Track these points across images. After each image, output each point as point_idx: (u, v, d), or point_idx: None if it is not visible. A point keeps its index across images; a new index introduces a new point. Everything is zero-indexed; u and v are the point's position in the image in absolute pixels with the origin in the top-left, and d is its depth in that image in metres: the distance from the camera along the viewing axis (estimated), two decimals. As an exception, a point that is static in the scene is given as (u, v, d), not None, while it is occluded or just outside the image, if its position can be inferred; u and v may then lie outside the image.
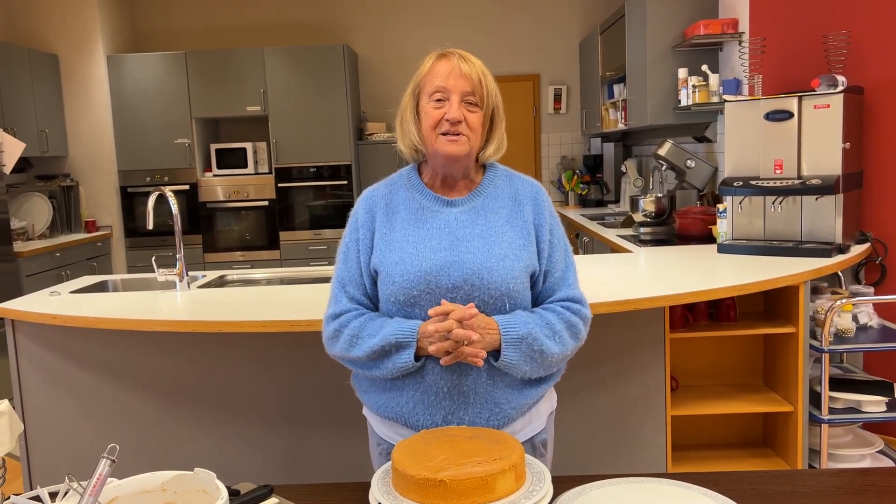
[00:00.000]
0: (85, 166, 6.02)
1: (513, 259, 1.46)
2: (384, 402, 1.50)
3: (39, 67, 5.61)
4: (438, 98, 1.46)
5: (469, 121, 1.46)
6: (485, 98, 1.47)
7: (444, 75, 1.46)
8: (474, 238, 1.47)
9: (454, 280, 1.43)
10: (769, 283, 2.62)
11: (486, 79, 1.48)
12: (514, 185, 1.56)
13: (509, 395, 1.46)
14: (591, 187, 6.32)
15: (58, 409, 2.73)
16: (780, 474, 1.41)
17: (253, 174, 6.08)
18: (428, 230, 1.49)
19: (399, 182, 1.58)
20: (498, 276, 1.44)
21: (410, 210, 1.52)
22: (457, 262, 1.44)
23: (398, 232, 1.50)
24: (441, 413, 1.44)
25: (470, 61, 1.48)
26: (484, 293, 1.43)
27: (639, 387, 2.71)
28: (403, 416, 1.48)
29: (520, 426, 1.51)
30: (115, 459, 1.03)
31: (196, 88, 5.96)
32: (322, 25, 6.54)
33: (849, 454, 2.89)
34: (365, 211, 1.55)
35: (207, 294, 2.82)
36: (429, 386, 1.44)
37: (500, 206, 1.53)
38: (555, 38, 6.56)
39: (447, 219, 1.50)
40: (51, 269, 5.18)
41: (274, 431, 2.68)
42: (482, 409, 1.45)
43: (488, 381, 1.44)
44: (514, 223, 1.51)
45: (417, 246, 1.47)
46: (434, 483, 1.12)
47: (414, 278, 1.44)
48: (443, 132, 1.46)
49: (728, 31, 3.92)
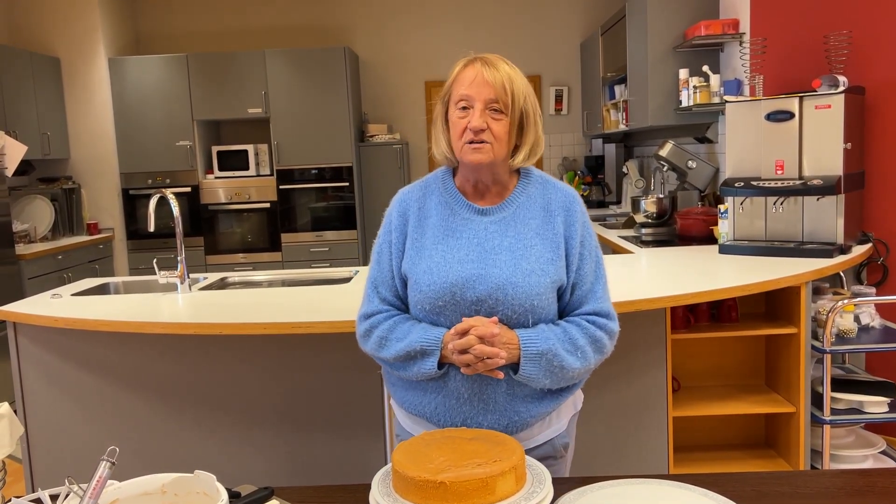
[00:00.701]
0: (87, 169, 6.03)
1: (539, 274, 1.47)
2: (409, 399, 1.55)
3: (41, 70, 5.63)
4: (463, 106, 1.47)
5: (493, 129, 1.45)
6: (510, 104, 1.46)
7: (468, 83, 1.46)
8: (502, 251, 1.48)
9: (479, 294, 1.45)
10: (771, 284, 2.62)
11: (514, 85, 1.46)
12: (547, 194, 1.55)
13: (528, 404, 1.49)
14: (592, 188, 6.32)
15: (59, 412, 2.73)
16: (781, 475, 1.41)
17: (254, 176, 6.09)
18: (457, 240, 1.50)
19: (434, 184, 1.59)
20: (522, 291, 1.45)
21: (442, 217, 1.53)
22: (483, 275, 1.46)
23: (428, 239, 1.52)
24: (461, 417, 1.48)
25: (495, 67, 1.46)
26: (507, 308, 1.45)
27: (640, 388, 2.71)
28: (426, 415, 1.52)
29: (538, 430, 1.53)
30: (115, 462, 1.03)
31: (197, 91, 5.97)
32: (323, 27, 6.55)
33: (851, 455, 2.88)
34: (398, 214, 1.57)
35: (209, 296, 2.82)
36: (451, 391, 1.48)
37: (531, 216, 1.52)
38: (556, 38, 6.56)
39: (477, 229, 1.51)
40: (53, 272, 5.18)
41: (275, 433, 2.68)
42: (501, 416, 1.48)
43: (508, 391, 1.47)
44: (543, 235, 1.51)
45: (446, 256, 1.49)
46: (434, 485, 1.12)
47: (440, 289, 1.46)
48: (468, 141, 1.46)
49: (729, 31, 3.92)
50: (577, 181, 6.37)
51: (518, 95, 1.47)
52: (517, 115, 1.48)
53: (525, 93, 1.48)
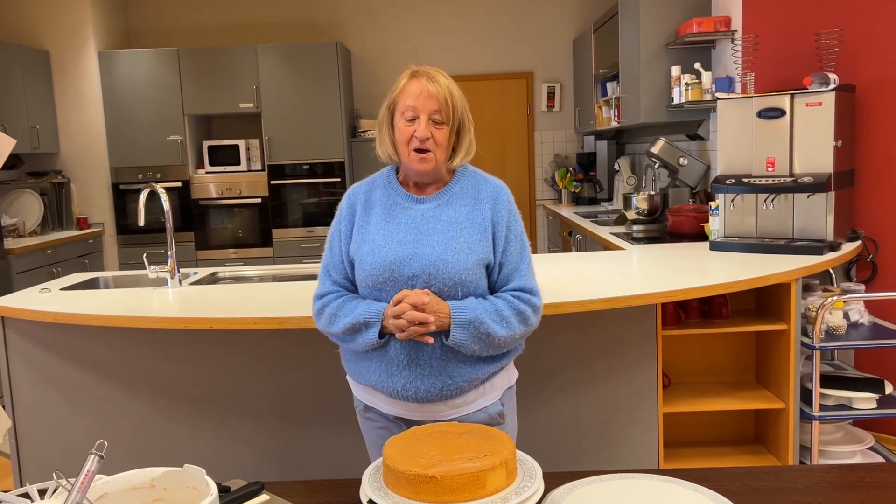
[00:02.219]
0: (76, 163, 5.99)
1: (467, 252, 1.67)
2: (357, 370, 1.76)
3: (31, 64, 5.58)
4: (410, 117, 1.68)
5: (436, 137, 1.68)
6: (451, 115, 1.69)
7: (414, 96, 1.67)
8: (436, 233, 1.69)
9: (414, 270, 1.66)
10: (761, 281, 2.63)
11: (453, 98, 1.69)
12: (477, 186, 1.77)
13: (461, 368, 1.67)
14: (584, 185, 6.33)
15: (49, 406, 2.72)
16: (771, 470, 1.41)
17: (246, 171, 6.06)
18: (397, 224, 1.71)
19: (379, 180, 1.81)
20: (452, 267, 1.65)
21: (385, 207, 1.75)
22: (417, 254, 1.66)
23: (372, 225, 1.73)
24: (401, 381, 1.67)
25: (437, 82, 1.68)
26: (440, 282, 1.65)
27: (631, 384, 2.71)
28: (371, 382, 1.72)
29: (473, 397, 1.72)
30: (104, 455, 1.02)
31: (189, 85, 5.94)
32: (315, 23, 6.53)
33: (839, 451, 2.90)
34: (347, 205, 1.80)
35: (199, 291, 2.81)
36: (391, 358, 1.67)
37: (462, 204, 1.73)
38: (548, 35, 6.56)
39: (414, 214, 1.72)
40: (42, 266, 5.15)
41: (265, 428, 2.67)
42: (436, 379, 1.66)
43: (441, 356, 1.66)
44: (472, 220, 1.71)
45: (386, 238, 1.70)
46: (425, 479, 1.12)
47: (380, 267, 1.67)
48: (415, 148, 1.68)
49: (721, 28, 3.92)
50: (568, 178, 6.38)
51: (457, 107, 1.70)
52: (456, 123, 1.71)
53: (462, 104, 1.72)
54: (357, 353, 1.75)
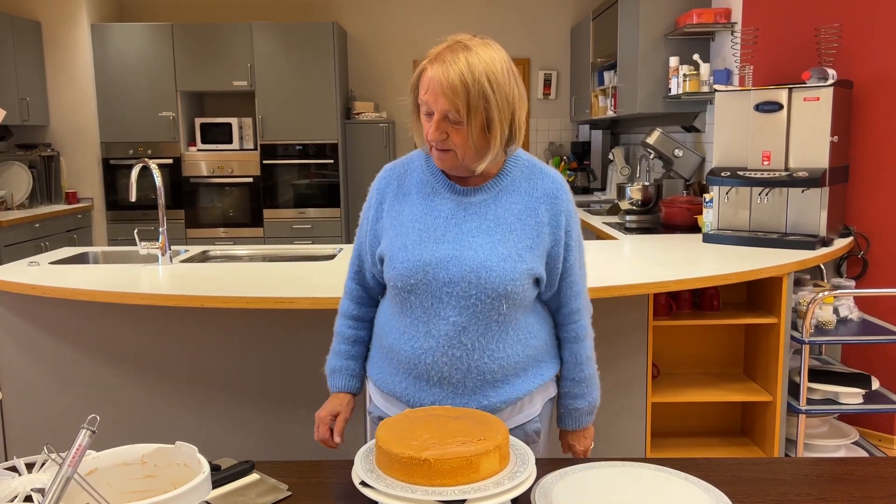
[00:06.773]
0: (66, 137, 5.93)
1: (516, 260, 1.41)
2: (383, 378, 1.54)
3: (22, 34, 5.50)
4: (426, 111, 1.40)
5: (453, 138, 1.38)
6: (467, 113, 1.34)
7: (426, 88, 1.38)
8: (480, 234, 1.43)
9: (451, 275, 1.40)
10: (753, 274, 2.64)
11: (471, 90, 1.33)
12: (533, 179, 1.48)
13: (498, 390, 1.46)
14: (578, 174, 6.32)
15: (35, 381, 2.70)
16: (760, 461, 1.42)
17: (238, 150, 6.02)
18: (435, 219, 1.45)
19: (417, 162, 1.54)
20: (497, 276, 1.39)
21: (423, 195, 1.49)
22: (457, 256, 1.41)
23: (406, 216, 1.48)
24: (430, 399, 1.47)
25: (453, 70, 1.34)
26: (481, 292, 1.39)
27: (621, 373, 2.72)
28: (397, 394, 1.51)
29: (508, 415, 1.49)
30: (96, 430, 1.01)
31: (182, 61, 5.87)
32: (312, 2, 6.46)
33: (824, 444, 2.92)
34: (377, 190, 1.55)
35: (190, 269, 2.79)
36: (421, 373, 1.46)
37: (513, 201, 1.46)
38: (546, 23, 6.52)
39: (456, 209, 1.46)
40: (29, 240, 5.10)
41: (255, 408, 2.66)
42: (470, 400, 1.45)
43: (478, 377, 1.44)
44: (524, 220, 1.45)
45: (422, 234, 1.44)
46: (418, 462, 1.12)
47: (412, 267, 1.42)
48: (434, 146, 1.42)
49: (720, 20, 3.91)
50: (562, 167, 6.37)
51: (475, 103, 1.34)
52: (479, 119, 1.36)
53: (487, 93, 1.34)
54: (387, 359, 1.53)
